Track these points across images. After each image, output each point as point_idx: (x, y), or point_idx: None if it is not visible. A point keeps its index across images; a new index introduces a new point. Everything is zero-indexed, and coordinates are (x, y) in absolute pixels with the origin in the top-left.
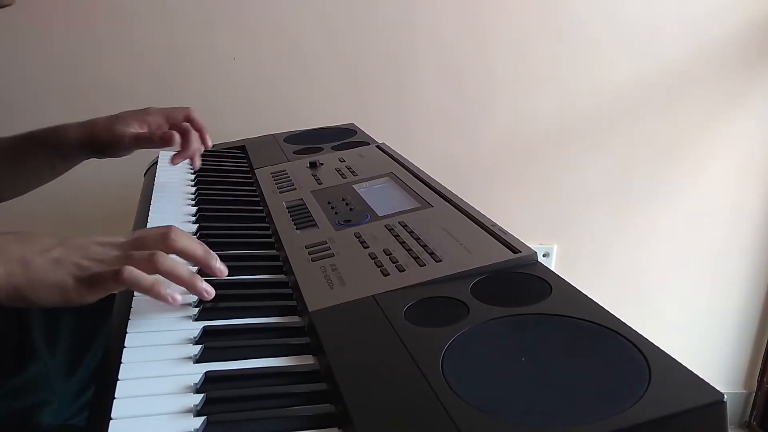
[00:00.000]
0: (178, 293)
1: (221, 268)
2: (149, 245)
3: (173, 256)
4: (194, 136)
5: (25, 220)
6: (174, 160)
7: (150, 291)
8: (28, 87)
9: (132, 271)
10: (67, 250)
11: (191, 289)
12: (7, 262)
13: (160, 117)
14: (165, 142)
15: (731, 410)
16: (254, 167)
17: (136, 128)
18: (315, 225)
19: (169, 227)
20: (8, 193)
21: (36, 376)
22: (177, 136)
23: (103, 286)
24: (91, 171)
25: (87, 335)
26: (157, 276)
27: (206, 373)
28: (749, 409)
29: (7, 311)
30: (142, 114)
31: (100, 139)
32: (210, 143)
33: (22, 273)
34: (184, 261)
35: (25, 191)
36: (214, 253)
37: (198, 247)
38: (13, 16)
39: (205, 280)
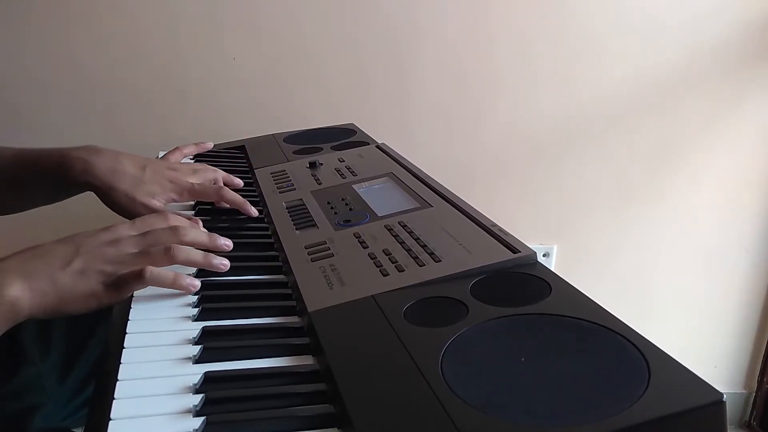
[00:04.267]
0: (197, 280)
1: (227, 243)
2: (161, 239)
3: None
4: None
5: (24, 219)
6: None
7: (173, 285)
8: (29, 87)
9: (153, 271)
10: (86, 258)
11: (209, 268)
12: (35, 284)
13: (188, 195)
14: None
15: (731, 410)
16: (254, 167)
17: (155, 203)
18: (314, 225)
19: (165, 216)
20: (8, 210)
21: (28, 379)
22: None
23: (130, 287)
24: None
25: (80, 339)
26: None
27: (206, 373)
28: (749, 409)
29: None
30: (171, 186)
31: (115, 202)
32: (254, 212)
33: (53, 291)
34: None
35: (26, 209)
36: (215, 234)
37: (203, 235)
38: (15, 16)
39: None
